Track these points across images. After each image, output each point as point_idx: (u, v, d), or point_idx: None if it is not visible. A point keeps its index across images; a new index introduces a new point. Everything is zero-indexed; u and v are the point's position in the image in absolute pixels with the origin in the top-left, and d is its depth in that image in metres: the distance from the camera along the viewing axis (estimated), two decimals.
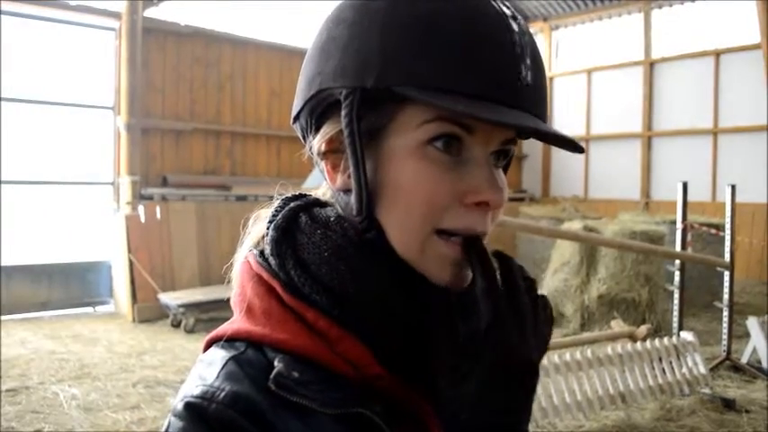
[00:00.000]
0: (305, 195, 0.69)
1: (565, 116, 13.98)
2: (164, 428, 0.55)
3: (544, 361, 4.25)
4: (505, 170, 0.67)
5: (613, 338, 5.55)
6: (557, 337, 6.80)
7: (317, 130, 0.64)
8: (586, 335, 6.17)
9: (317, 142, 0.64)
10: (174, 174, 9.19)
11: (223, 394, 0.54)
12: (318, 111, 0.63)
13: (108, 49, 8.85)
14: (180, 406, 0.55)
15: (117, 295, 8.38)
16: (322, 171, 0.66)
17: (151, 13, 8.92)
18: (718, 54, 11.54)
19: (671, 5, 12.31)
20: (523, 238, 10.67)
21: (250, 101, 10.11)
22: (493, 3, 0.60)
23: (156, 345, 6.47)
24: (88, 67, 8.75)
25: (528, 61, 0.60)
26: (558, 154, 14.05)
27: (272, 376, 0.55)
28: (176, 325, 7.35)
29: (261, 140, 10.12)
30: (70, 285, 8.33)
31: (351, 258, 0.61)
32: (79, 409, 4.65)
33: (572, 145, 0.61)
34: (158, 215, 8.20)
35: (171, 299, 7.37)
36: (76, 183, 8.75)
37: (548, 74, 14.05)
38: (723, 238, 6.01)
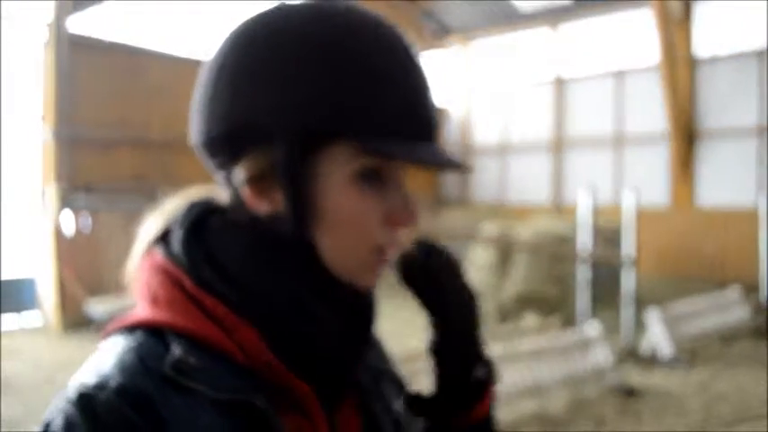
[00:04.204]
0: (210, 201, 0.70)
1: (483, 127, 14.44)
2: (53, 411, 0.57)
3: None
4: None
5: (527, 334, 5.78)
6: None
7: (236, 157, 0.63)
8: (502, 331, 6.38)
9: (241, 172, 0.63)
10: (101, 183, 8.88)
11: (114, 384, 0.56)
12: (243, 141, 0.62)
13: (36, 59, 8.57)
14: (72, 393, 0.56)
15: (43, 307, 8.12)
16: (241, 195, 0.65)
17: (80, 24, 8.74)
18: (621, 69, 12.28)
19: (579, 23, 12.94)
20: (444, 242, 10.92)
21: (182, 112, 9.82)
22: (411, 50, 0.65)
23: (84, 355, 6.19)
24: (15, 77, 8.48)
25: (433, 99, 0.66)
26: (478, 163, 14.44)
27: (169, 361, 0.57)
28: None
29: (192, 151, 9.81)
30: None
31: (262, 259, 0.64)
32: (2, 424, 4.53)
33: (464, 168, 0.68)
34: (86, 225, 8.04)
35: (99, 307, 7.24)
36: None
37: (466, 85, 14.52)
38: (627, 238, 6.40)
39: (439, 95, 14.78)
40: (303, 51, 0.60)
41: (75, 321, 7.57)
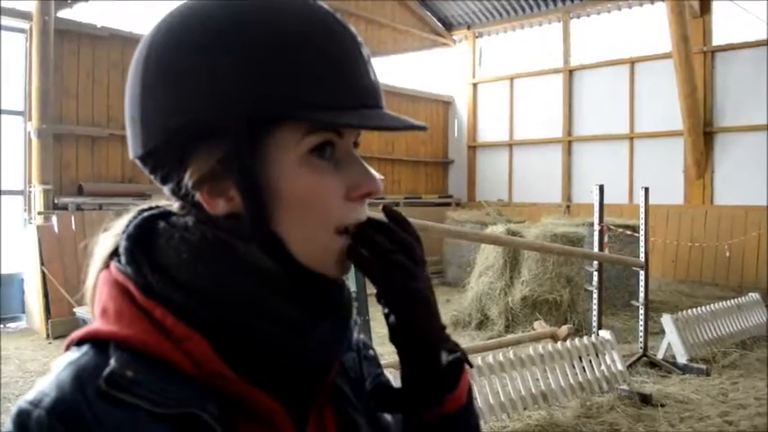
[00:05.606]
0: (159, 206, 0.70)
1: (488, 122, 14.25)
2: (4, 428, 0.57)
3: None
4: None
5: (536, 339, 5.66)
6: (482, 339, 6.89)
7: (183, 161, 0.63)
8: (510, 336, 6.26)
9: (191, 176, 0.62)
10: (89, 182, 8.84)
11: (47, 399, 0.55)
12: (186, 143, 0.62)
13: (18, 51, 8.43)
14: (14, 409, 0.56)
15: (29, 310, 7.97)
16: (197, 202, 0.64)
17: (65, 14, 8.56)
18: (632, 62, 12.03)
19: (588, 16, 12.78)
20: (449, 242, 10.79)
21: None
22: (335, 17, 0.65)
23: None
24: None
25: (371, 64, 0.67)
26: (484, 160, 14.31)
27: (103, 374, 0.56)
28: None
29: None
30: None
31: (211, 259, 0.62)
32: None
33: (419, 128, 0.67)
34: (73, 225, 7.86)
35: (88, 313, 6.99)
36: None
37: (472, 81, 14.39)
38: (641, 239, 6.22)
39: (446, 90, 14.74)
40: (227, 38, 0.60)
41: (63, 325, 7.36)
